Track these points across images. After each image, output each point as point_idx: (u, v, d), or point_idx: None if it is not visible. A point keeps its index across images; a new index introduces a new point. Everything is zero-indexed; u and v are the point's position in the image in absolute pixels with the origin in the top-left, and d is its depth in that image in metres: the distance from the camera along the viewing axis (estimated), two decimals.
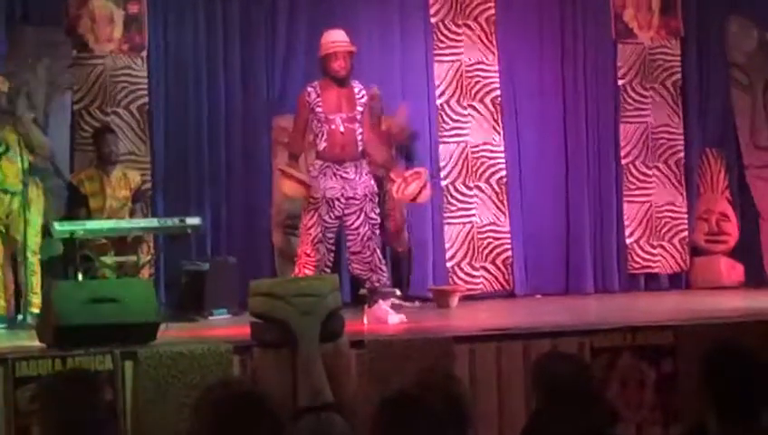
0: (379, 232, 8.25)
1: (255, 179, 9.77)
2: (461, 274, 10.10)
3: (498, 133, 10.27)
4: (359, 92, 8.00)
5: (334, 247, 8.01)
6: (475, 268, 10.15)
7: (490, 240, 10.21)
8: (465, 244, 10.16)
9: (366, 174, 7.98)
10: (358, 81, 8.10)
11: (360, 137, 7.95)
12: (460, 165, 10.21)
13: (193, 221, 8.69)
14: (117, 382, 6.21)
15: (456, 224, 10.17)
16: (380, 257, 8.05)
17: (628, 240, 10.45)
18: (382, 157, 8.54)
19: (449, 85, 10.23)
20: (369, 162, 8.06)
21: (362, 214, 7.92)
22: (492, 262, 10.20)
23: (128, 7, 9.52)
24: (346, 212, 7.91)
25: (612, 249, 10.39)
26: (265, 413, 2.96)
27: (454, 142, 10.22)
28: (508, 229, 10.24)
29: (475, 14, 10.31)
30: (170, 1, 9.73)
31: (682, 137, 10.60)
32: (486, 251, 10.19)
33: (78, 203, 8.86)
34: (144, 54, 9.57)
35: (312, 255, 7.84)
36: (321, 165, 7.91)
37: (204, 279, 8.91)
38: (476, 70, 10.27)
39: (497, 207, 10.24)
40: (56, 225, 8.28)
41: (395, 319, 7.90)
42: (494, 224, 10.24)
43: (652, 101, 10.57)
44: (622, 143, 10.51)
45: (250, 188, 9.77)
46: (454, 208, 10.18)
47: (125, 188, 8.95)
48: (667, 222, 10.53)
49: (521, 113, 10.35)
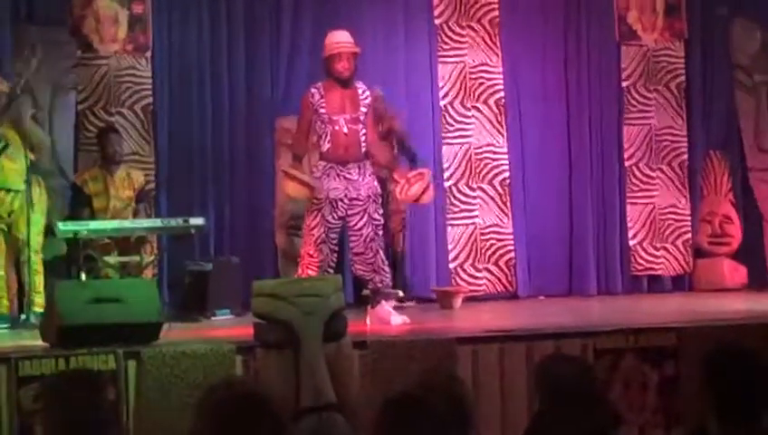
0: (382, 233, 8.25)
1: (259, 180, 9.77)
2: (464, 275, 10.11)
3: (502, 135, 10.27)
4: (362, 93, 7.99)
5: (337, 248, 8.00)
6: (478, 269, 10.15)
7: (493, 241, 10.20)
8: (469, 245, 10.16)
9: (369, 175, 7.97)
10: (361, 81, 8.10)
11: (364, 138, 7.94)
12: (463, 166, 10.21)
13: (196, 221, 8.70)
14: (120, 382, 6.22)
15: (459, 225, 10.18)
16: (383, 258, 8.04)
17: (631, 242, 10.44)
18: (385, 158, 8.54)
19: (453, 86, 10.23)
20: (372, 163, 8.06)
21: (366, 215, 7.91)
22: (495, 263, 10.20)
23: (132, 7, 9.52)
24: (349, 213, 7.90)
25: (615, 251, 10.39)
26: (268, 414, 2.97)
27: (457, 144, 10.22)
28: (511, 231, 10.24)
29: (478, 15, 10.31)
30: (174, 1, 9.74)
31: (686, 139, 10.59)
32: (489, 252, 10.19)
33: (82, 203, 8.86)
34: (148, 55, 9.57)
35: (315, 255, 7.84)
36: (325, 166, 7.89)
37: (207, 279, 8.90)
38: (480, 71, 10.27)
39: (500, 208, 10.24)
40: (60, 225, 8.29)
41: (398, 320, 7.89)
42: (498, 225, 10.23)
43: (656, 103, 10.56)
44: (626, 145, 10.50)
45: (253, 189, 9.78)
46: (457, 210, 10.18)
47: (129, 188, 8.95)
48: (671, 224, 10.52)
49: (524, 115, 10.35)
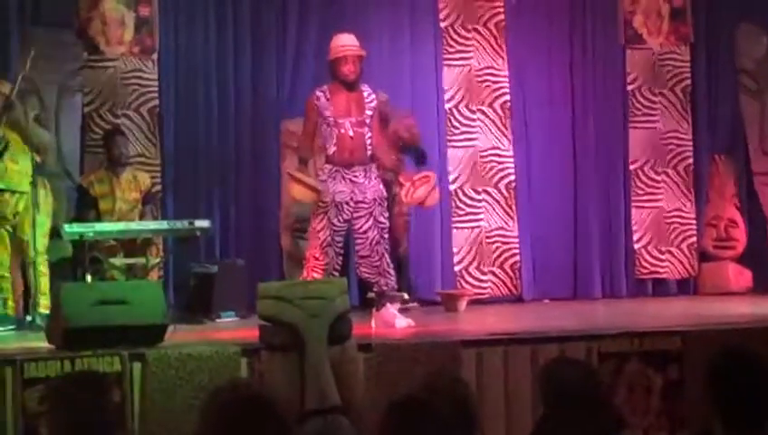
0: (387, 236, 8.25)
1: (264, 182, 9.78)
2: (469, 278, 10.11)
3: (507, 138, 10.28)
4: (368, 96, 7.99)
5: (343, 251, 8.00)
6: (483, 273, 10.15)
7: (498, 245, 10.21)
8: (474, 248, 10.16)
9: (375, 178, 7.96)
10: (367, 84, 8.10)
11: (370, 141, 7.95)
12: (469, 169, 10.21)
13: (202, 224, 8.70)
14: (125, 384, 6.22)
15: (465, 228, 10.18)
16: (389, 261, 8.02)
17: (636, 245, 10.45)
18: (391, 161, 8.54)
19: (458, 90, 10.23)
20: (378, 166, 8.06)
21: (371, 218, 7.91)
22: (500, 266, 10.20)
23: (139, 10, 9.53)
24: (355, 216, 7.90)
25: (620, 254, 10.39)
26: (272, 416, 2.97)
27: (462, 147, 10.22)
28: (516, 234, 10.24)
29: (484, 19, 10.31)
30: (181, 3, 9.75)
31: (691, 143, 10.59)
32: (494, 256, 10.19)
33: (88, 205, 8.87)
34: (155, 57, 9.58)
35: (321, 258, 7.84)
36: (331, 169, 7.89)
37: (212, 281, 8.91)
38: (486, 75, 10.27)
39: (505, 211, 10.24)
40: (66, 227, 8.29)
41: (402, 323, 7.88)
42: (503, 228, 10.24)
43: (661, 107, 10.56)
44: (631, 149, 10.51)
45: (259, 191, 9.78)
46: (462, 213, 10.18)
47: (135, 190, 8.96)
48: (676, 228, 10.52)
49: (530, 118, 10.36)
